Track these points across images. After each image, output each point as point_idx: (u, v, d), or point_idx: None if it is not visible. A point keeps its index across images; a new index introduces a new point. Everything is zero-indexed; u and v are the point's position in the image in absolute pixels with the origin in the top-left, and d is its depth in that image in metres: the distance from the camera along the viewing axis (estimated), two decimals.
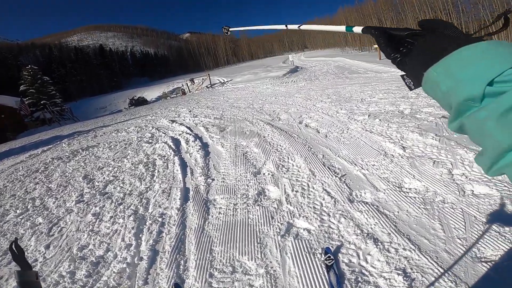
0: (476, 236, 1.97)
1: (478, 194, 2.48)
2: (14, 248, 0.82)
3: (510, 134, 0.29)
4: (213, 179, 3.77)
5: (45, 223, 3.47)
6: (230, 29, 1.92)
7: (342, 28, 0.68)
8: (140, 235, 2.77)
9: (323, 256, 2.04)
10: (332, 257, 1.98)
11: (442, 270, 1.75)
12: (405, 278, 1.73)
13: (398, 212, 2.40)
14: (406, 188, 2.75)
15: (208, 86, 21.95)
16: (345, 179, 3.12)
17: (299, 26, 0.95)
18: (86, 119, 21.35)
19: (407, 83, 0.45)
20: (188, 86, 24.45)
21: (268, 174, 3.58)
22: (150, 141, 6.48)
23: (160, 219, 2.99)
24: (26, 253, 2.84)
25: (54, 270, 2.49)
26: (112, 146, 6.89)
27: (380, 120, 4.79)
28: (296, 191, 3.04)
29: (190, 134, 6.12)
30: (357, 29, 0.57)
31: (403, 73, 0.45)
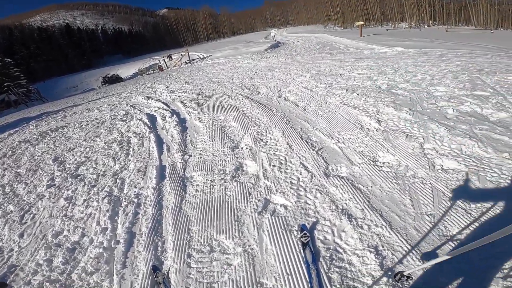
0: (444, 213, 2.03)
1: (447, 169, 2.56)
2: None
3: None
4: (190, 155, 3.67)
5: (16, 210, 3.25)
6: None
7: None
8: (116, 218, 2.67)
9: (299, 233, 2.04)
10: (308, 234, 1.97)
11: (410, 248, 1.80)
12: (376, 256, 1.76)
13: (371, 186, 2.44)
14: (380, 162, 2.81)
15: (187, 61, 20.97)
16: (321, 153, 3.14)
17: None
18: (55, 99, 19.89)
19: None
20: (165, 62, 23.25)
21: (246, 148, 3.54)
22: (125, 118, 6.16)
23: (135, 200, 2.88)
24: None
25: (30, 259, 2.37)
26: (84, 126, 6.49)
27: (357, 94, 4.82)
28: (274, 166, 3.03)
29: (167, 110, 5.88)
30: None
31: None
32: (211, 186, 2.88)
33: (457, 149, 2.83)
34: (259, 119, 4.29)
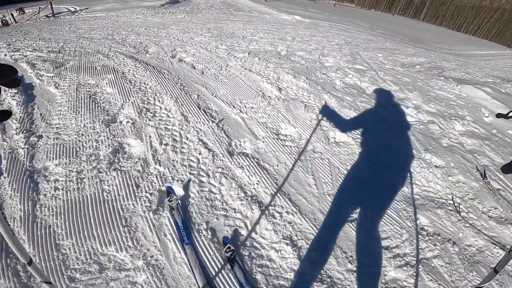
0: (341, 193, 2.10)
1: (339, 141, 2.69)
2: None
3: None
4: (40, 136, 2.55)
5: None
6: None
7: None
8: None
9: (222, 247, 1.69)
10: (232, 247, 1.65)
11: (319, 233, 1.78)
12: (293, 248, 1.67)
13: (277, 165, 2.32)
14: (282, 135, 2.71)
15: (49, 15, 15.58)
16: (223, 125, 2.76)
17: None
18: None
19: None
20: (13, 17, 16.58)
21: (127, 122, 2.73)
22: None
23: None
24: None
25: None
26: None
27: (259, 59, 4.59)
28: (166, 144, 2.44)
29: None
30: None
31: None
32: (79, 180, 2.06)
33: (345, 122, 3.03)
34: (145, 83, 3.40)
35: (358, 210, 1.98)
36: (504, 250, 1.80)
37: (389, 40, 9.96)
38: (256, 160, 2.35)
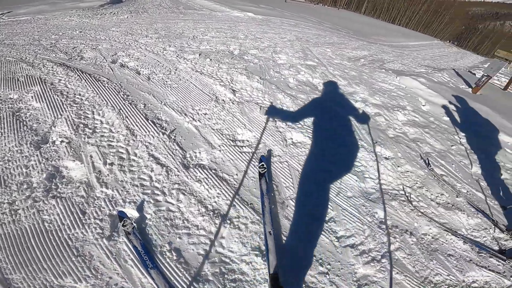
0: (302, 196, 2.11)
1: (296, 142, 2.70)
2: None
3: None
4: None
5: None
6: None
7: None
8: None
9: (258, 164, 2.14)
10: (265, 165, 2.14)
11: (287, 240, 1.78)
12: (263, 258, 1.66)
13: (237, 174, 2.25)
14: (240, 141, 2.63)
15: None
16: (175, 136, 2.58)
17: None
18: None
19: None
20: None
21: (62, 142, 2.38)
22: None
23: None
24: None
25: None
26: None
27: (211, 59, 4.42)
28: (112, 164, 2.19)
29: None
30: None
31: None
32: (13, 212, 1.78)
33: (301, 121, 3.06)
34: (80, 94, 3.00)
35: (320, 211, 2.01)
36: (456, 236, 1.97)
37: (336, 34, 10.49)
38: (214, 171, 2.24)
